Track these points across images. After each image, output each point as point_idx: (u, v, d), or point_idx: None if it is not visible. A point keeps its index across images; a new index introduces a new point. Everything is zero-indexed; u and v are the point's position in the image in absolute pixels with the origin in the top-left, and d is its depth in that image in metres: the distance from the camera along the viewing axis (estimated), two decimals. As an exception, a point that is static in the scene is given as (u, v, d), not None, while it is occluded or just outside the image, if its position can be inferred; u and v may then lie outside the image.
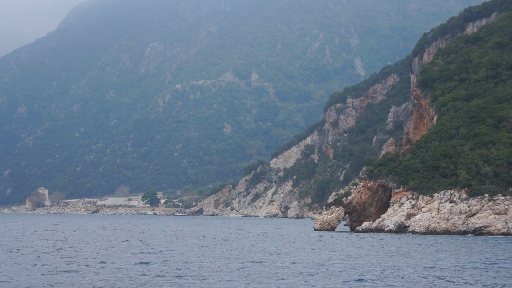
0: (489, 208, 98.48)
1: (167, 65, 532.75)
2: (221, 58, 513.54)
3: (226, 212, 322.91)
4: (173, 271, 55.65)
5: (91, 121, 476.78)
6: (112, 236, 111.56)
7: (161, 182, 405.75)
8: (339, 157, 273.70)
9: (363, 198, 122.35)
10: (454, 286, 46.70)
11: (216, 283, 47.45)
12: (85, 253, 72.38)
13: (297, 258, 67.00)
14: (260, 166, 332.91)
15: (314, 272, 55.80)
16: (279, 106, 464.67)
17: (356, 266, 60.63)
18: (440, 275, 51.55)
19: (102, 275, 50.85)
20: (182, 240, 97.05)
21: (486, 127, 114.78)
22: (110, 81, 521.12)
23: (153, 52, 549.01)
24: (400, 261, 64.66)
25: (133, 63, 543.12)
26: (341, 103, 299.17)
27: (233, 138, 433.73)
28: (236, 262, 61.61)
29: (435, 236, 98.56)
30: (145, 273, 54.45)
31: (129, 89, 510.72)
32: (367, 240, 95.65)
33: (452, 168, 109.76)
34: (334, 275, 53.08)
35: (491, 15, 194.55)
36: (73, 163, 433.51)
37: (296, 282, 50.39)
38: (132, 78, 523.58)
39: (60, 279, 49.57)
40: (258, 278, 50.07)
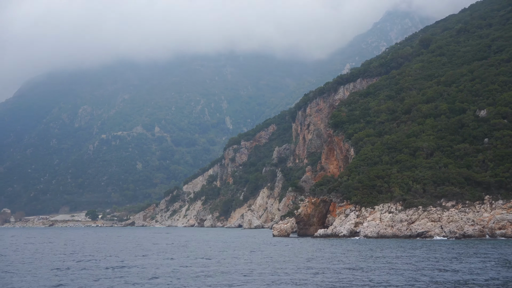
0: (425, 217, 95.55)
1: (94, 121, 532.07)
2: (133, 116, 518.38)
3: (152, 223, 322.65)
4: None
5: (40, 161, 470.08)
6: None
7: (93, 203, 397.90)
8: (238, 183, 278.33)
9: (309, 211, 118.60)
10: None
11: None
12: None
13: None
14: (176, 190, 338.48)
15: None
16: (175, 150, 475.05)
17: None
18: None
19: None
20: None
21: (405, 155, 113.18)
22: (53, 132, 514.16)
23: (84, 112, 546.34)
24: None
25: (70, 120, 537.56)
26: (236, 145, 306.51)
27: (143, 172, 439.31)
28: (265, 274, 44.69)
29: (389, 239, 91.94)
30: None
31: (67, 138, 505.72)
32: (338, 242, 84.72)
33: (386, 186, 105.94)
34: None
35: (356, 80, 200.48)
36: (28, 191, 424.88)
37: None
38: (69, 131, 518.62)
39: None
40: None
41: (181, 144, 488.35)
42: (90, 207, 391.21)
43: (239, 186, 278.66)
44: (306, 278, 43.30)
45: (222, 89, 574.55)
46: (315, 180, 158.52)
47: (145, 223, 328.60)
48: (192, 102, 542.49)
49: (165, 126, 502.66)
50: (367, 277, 43.00)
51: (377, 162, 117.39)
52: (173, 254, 69.10)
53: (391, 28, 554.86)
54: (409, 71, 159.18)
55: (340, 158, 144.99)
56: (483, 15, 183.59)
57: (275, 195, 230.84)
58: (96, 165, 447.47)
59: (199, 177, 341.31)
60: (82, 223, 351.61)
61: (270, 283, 40.98)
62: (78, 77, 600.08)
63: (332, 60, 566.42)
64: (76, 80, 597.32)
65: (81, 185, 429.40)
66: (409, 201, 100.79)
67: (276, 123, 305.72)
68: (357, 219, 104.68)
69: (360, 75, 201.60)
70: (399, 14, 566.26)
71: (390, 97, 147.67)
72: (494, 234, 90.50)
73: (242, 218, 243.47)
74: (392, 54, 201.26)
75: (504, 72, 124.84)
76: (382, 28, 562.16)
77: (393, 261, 54.16)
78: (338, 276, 44.23)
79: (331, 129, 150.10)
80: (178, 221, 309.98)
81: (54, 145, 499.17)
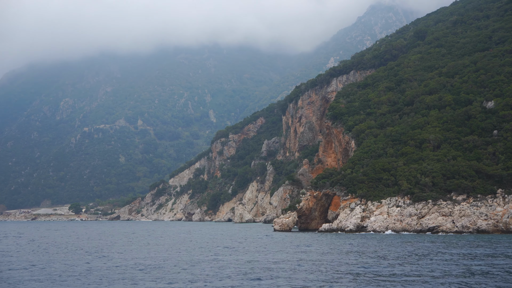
0: (436, 211, 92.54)
1: (76, 114, 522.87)
2: (116, 109, 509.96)
3: (137, 217, 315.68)
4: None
5: (21, 154, 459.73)
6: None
7: (75, 197, 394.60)
8: (226, 177, 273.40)
9: (310, 205, 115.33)
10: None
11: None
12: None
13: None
14: (162, 183, 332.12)
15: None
16: (158, 143, 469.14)
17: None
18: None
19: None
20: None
21: (411, 148, 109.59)
22: (34, 125, 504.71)
23: (66, 105, 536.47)
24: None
25: (51, 113, 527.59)
26: (224, 138, 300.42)
27: (126, 165, 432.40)
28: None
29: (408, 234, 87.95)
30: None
31: (49, 131, 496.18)
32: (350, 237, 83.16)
33: (392, 179, 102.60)
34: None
35: (349, 72, 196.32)
36: (8, 184, 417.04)
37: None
38: (50, 123, 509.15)
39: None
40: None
41: (164, 137, 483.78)
42: (72, 201, 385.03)
43: (227, 179, 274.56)
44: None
45: (206, 82, 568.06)
46: (312, 173, 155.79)
47: (130, 217, 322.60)
48: (176, 95, 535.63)
49: (148, 119, 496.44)
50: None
51: (381, 154, 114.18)
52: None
53: (375, 22, 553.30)
54: (407, 62, 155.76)
55: (339, 150, 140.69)
56: (479, 6, 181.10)
57: (266, 189, 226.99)
58: (78, 158, 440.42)
59: (185, 170, 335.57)
60: (65, 216, 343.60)
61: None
62: (60, 69, 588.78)
63: (316, 54, 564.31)
64: (57, 72, 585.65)
65: (63, 178, 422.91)
66: (418, 195, 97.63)
67: (264, 116, 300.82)
68: (363, 213, 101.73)
69: (353, 67, 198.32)
70: (383, 8, 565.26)
71: (390, 88, 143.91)
72: (509, 229, 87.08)
73: (231, 212, 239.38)
74: (385, 46, 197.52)
75: (509, 63, 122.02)
76: (366, 22, 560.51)
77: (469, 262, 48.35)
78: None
79: (329, 121, 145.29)
80: (165, 215, 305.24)
81: (35, 138, 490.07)
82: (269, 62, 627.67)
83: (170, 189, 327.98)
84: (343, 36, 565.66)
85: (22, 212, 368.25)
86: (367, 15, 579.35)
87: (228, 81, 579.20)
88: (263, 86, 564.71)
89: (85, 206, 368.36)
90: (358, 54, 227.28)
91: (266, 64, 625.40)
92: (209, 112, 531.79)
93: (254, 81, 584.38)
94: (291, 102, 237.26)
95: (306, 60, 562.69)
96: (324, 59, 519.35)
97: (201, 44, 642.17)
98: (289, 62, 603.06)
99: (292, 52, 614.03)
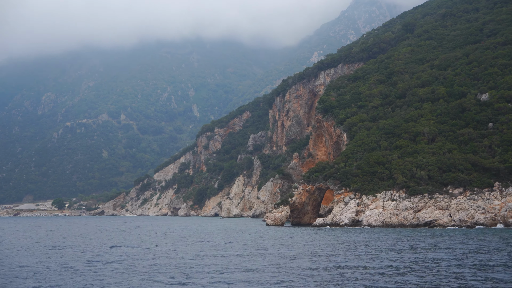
0: (432, 205, 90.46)
1: (58, 109, 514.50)
2: (98, 104, 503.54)
3: (122, 212, 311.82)
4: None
5: (2, 149, 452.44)
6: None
7: (57, 192, 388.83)
8: (212, 171, 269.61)
9: (303, 199, 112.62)
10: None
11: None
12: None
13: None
14: (147, 178, 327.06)
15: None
16: (141, 138, 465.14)
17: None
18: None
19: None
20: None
21: (405, 141, 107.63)
22: (16, 120, 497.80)
23: (48, 99, 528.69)
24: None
25: (33, 107, 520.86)
26: (210, 132, 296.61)
27: (109, 160, 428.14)
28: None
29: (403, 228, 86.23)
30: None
31: (30, 126, 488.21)
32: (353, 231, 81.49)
33: (387, 173, 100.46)
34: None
35: (337, 65, 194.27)
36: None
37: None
38: (32, 118, 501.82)
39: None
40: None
41: (147, 132, 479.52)
42: (55, 196, 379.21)
43: (213, 174, 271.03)
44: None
45: (189, 77, 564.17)
46: (302, 167, 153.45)
47: (115, 212, 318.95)
48: (159, 90, 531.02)
49: (131, 113, 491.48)
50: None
51: (375, 147, 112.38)
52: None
53: (358, 16, 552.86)
54: (397, 55, 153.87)
55: (330, 144, 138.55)
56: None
57: (253, 183, 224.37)
58: (60, 153, 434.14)
59: (170, 165, 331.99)
60: (49, 212, 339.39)
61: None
62: (42, 63, 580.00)
63: (300, 48, 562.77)
64: (39, 66, 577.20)
65: (45, 173, 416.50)
66: (414, 188, 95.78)
67: (250, 110, 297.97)
68: (358, 207, 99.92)
69: (341, 61, 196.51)
70: (366, 2, 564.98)
71: (381, 81, 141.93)
72: (508, 222, 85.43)
73: (218, 206, 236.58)
74: (373, 39, 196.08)
75: (502, 55, 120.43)
76: (350, 17, 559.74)
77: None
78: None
79: (320, 114, 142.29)
80: (150, 210, 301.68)
81: (17, 133, 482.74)
82: (253, 56, 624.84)
83: (155, 184, 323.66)
84: (327, 31, 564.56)
85: (4, 208, 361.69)
86: (350, 9, 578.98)
87: (212, 76, 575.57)
88: (247, 80, 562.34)
89: (68, 202, 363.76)
90: (345, 48, 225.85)
91: (250, 58, 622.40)
92: (193, 107, 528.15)
93: (237, 76, 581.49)
94: (278, 95, 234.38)
95: (289, 54, 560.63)
96: (308, 53, 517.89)
97: (184, 38, 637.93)
98: (272, 57, 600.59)
99: (276, 46, 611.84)
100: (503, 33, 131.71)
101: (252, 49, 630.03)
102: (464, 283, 34.35)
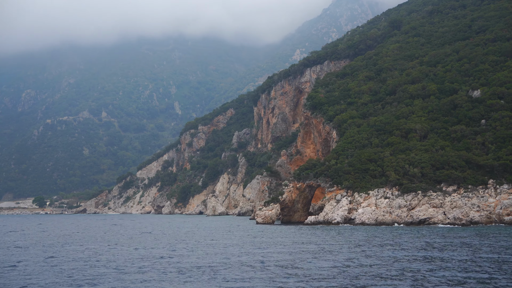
0: (426, 203, 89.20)
1: (38, 106, 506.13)
2: (79, 101, 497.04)
3: (104, 210, 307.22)
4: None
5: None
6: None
7: (38, 190, 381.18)
8: (195, 169, 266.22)
9: (293, 196, 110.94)
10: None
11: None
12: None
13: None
14: (129, 176, 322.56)
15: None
16: (122, 135, 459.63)
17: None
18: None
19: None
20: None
21: (397, 138, 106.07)
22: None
23: (27, 96, 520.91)
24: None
25: (12, 104, 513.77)
26: (193, 129, 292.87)
27: (90, 158, 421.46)
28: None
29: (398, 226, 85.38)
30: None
31: (10, 123, 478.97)
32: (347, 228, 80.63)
33: (379, 170, 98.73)
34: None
35: (323, 62, 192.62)
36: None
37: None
38: (11, 115, 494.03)
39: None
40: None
41: (129, 129, 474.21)
42: (35, 194, 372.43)
43: (197, 171, 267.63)
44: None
45: (171, 74, 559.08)
46: (291, 165, 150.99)
47: (97, 210, 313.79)
48: (140, 87, 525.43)
49: (113, 111, 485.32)
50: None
51: (366, 145, 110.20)
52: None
53: (340, 14, 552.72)
54: (386, 51, 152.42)
55: (319, 141, 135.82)
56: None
57: (238, 181, 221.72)
58: (41, 151, 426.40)
59: (153, 162, 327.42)
60: (29, 210, 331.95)
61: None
62: (21, 59, 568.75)
63: (282, 46, 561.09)
64: (18, 62, 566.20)
65: (25, 171, 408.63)
66: (407, 186, 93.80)
67: (234, 107, 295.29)
68: (350, 205, 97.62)
69: (327, 57, 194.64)
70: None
71: (370, 77, 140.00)
72: (503, 220, 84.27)
73: (203, 204, 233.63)
74: (359, 36, 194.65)
75: (493, 51, 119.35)
76: (332, 14, 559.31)
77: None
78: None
79: (308, 110, 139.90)
80: (133, 208, 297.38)
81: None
82: (235, 53, 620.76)
83: (138, 182, 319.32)
84: (309, 28, 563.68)
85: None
86: (332, 7, 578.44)
87: (193, 73, 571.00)
88: (229, 78, 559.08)
89: (49, 200, 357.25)
90: (330, 45, 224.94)
91: (232, 55, 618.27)
92: (174, 104, 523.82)
93: (219, 73, 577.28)
94: (263, 92, 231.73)
95: (271, 52, 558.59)
96: (290, 51, 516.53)
97: (165, 34, 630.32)
98: (254, 54, 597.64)
99: (258, 44, 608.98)
100: (493, 29, 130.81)
101: (234, 46, 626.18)
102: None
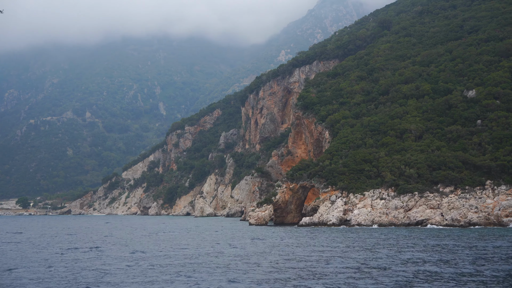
0: (423, 204, 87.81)
1: (21, 106, 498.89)
2: (63, 101, 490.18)
3: (90, 211, 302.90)
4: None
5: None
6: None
7: (21, 191, 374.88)
8: (182, 169, 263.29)
9: (286, 197, 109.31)
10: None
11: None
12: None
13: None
14: (115, 177, 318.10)
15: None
16: (107, 136, 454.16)
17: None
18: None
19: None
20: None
21: (392, 138, 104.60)
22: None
23: (10, 96, 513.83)
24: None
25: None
26: (180, 130, 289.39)
27: (74, 158, 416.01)
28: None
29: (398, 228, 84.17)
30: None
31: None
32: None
33: (375, 171, 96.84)
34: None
35: (312, 62, 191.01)
36: None
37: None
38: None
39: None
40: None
41: (113, 130, 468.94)
42: (18, 195, 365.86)
43: (184, 172, 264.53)
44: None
45: (155, 74, 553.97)
46: (282, 165, 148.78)
47: (82, 211, 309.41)
48: (125, 87, 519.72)
49: (97, 111, 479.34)
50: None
51: (360, 145, 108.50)
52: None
53: (325, 15, 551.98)
54: (377, 51, 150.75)
55: (310, 141, 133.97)
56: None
57: (226, 182, 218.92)
58: (24, 151, 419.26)
59: (139, 163, 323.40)
60: (13, 211, 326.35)
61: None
62: (4, 59, 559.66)
63: (267, 47, 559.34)
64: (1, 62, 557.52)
65: (8, 172, 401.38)
66: (403, 187, 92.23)
67: (221, 108, 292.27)
68: (346, 206, 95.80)
69: (316, 57, 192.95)
70: (333, 1, 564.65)
71: (362, 77, 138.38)
72: (501, 221, 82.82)
73: (190, 205, 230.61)
74: (348, 36, 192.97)
75: (487, 51, 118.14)
76: (317, 15, 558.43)
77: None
78: None
79: (300, 111, 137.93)
80: (118, 209, 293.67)
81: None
82: (220, 54, 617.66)
83: (124, 183, 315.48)
84: (294, 29, 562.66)
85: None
86: (317, 8, 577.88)
87: (178, 73, 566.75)
88: (214, 78, 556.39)
89: (33, 201, 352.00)
90: (319, 45, 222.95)
91: (217, 56, 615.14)
92: (159, 105, 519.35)
93: (204, 74, 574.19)
94: (251, 93, 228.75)
95: (257, 53, 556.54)
96: (275, 51, 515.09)
97: (150, 34, 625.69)
98: (240, 54, 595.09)
99: (243, 44, 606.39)
100: (485, 29, 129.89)
101: (219, 47, 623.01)
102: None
